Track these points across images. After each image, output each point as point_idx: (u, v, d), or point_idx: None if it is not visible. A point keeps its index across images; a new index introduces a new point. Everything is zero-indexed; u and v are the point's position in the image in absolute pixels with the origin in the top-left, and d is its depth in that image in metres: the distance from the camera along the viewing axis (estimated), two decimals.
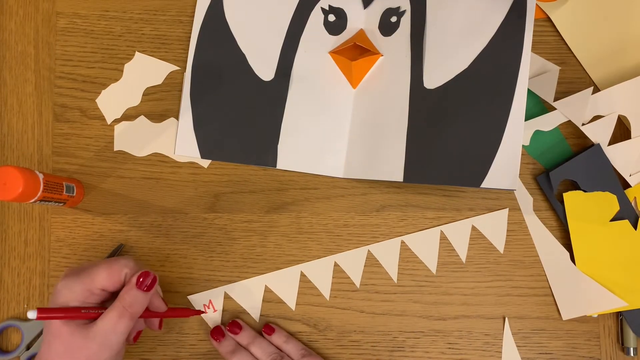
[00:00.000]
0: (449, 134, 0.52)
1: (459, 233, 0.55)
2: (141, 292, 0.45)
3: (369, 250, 0.55)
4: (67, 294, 0.43)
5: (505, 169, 0.51)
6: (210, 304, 0.54)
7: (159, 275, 0.55)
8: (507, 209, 0.55)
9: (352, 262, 0.55)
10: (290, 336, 0.53)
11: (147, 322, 0.50)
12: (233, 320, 0.54)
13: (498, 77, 0.52)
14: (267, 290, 0.55)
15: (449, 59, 0.53)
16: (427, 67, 0.54)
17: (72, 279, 0.44)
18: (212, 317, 0.54)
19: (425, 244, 0.55)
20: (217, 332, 0.53)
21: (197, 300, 0.55)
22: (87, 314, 0.43)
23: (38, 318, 0.39)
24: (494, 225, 0.55)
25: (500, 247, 0.55)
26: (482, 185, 0.51)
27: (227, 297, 0.55)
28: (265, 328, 0.53)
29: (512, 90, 0.51)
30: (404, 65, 0.54)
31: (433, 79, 0.53)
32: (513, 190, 0.51)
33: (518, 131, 0.51)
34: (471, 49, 0.53)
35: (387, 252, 0.55)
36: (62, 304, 0.43)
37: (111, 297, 0.46)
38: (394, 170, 0.53)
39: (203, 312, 0.53)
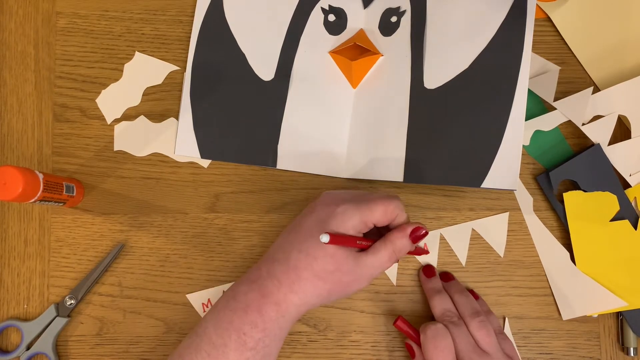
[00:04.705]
0: (449, 134, 0.52)
1: (458, 236, 0.55)
2: (410, 242, 0.46)
3: None
4: (346, 221, 0.44)
5: (506, 169, 0.51)
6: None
7: (159, 275, 0.55)
8: (508, 213, 0.55)
9: None
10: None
11: None
12: (446, 272, 0.55)
13: (498, 77, 0.52)
14: None
15: (449, 59, 0.53)
16: (427, 67, 0.54)
17: (351, 207, 0.45)
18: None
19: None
20: (429, 270, 0.54)
21: (196, 299, 0.55)
22: (360, 244, 0.45)
23: (329, 243, 0.42)
24: (494, 229, 0.55)
25: (501, 251, 0.55)
26: (483, 186, 0.51)
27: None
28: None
29: (512, 90, 0.51)
30: (404, 65, 0.54)
31: (433, 79, 0.53)
32: (513, 190, 0.51)
33: (518, 131, 0.51)
34: (471, 48, 0.53)
35: None
36: (342, 229, 0.44)
37: (374, 230, 0.47)
38: (394, 170, 0.53)
39: (427, 253, 0.54)
